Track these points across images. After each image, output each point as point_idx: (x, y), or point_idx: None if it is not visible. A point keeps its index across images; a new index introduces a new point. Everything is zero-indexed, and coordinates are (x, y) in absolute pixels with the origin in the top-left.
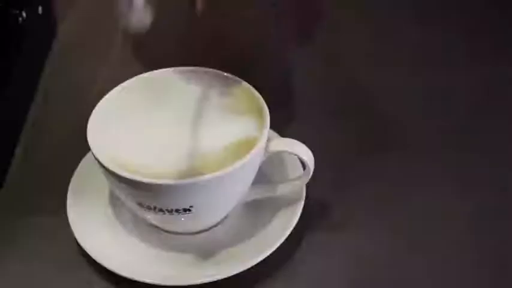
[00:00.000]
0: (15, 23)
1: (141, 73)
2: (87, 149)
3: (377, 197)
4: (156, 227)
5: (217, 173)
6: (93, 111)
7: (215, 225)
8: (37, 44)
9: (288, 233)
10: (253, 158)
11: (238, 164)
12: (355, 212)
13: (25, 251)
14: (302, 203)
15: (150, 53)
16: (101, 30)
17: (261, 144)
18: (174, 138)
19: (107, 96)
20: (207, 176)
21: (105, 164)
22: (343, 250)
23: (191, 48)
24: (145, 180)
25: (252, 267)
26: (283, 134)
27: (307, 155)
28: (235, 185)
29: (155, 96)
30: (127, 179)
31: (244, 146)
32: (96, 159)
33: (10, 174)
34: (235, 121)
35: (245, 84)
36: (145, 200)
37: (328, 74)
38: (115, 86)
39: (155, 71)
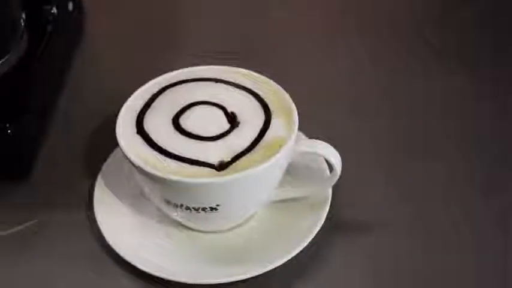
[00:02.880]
0: (46, 19)
1: (168, 71)
2: (115, 144)
3: (403, 198)
4: (182, 224)
5: (244, 173)
6: (122, 108)
7: (241, 225)
8: (67, 39)
9: (313, 234)
10: (281, 159)
11: (265, 164)
12: (381, 213)
13: (50, 246)
14: (328, 204)
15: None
16: (128, 27)
17: (289, 145)
18: (202, 137)
19: (135, 93)
20: (234, 176)
21: (134, 161)
22: (369, 251)
23: (218, 47)
24: (173, 178)
25: (277, 268)
26: (311, 135)
27: (335, 157)
28: (262, 185)
29: (184, 95)
30: (155, 176)
31: (272, 146)
32: (125, 155)
33: (37, 169)
34: (263, 121)
35: (274, 84)
36: (172, 198)
37: (358, 76)
38: (143, 83)
39: (184, 69)
